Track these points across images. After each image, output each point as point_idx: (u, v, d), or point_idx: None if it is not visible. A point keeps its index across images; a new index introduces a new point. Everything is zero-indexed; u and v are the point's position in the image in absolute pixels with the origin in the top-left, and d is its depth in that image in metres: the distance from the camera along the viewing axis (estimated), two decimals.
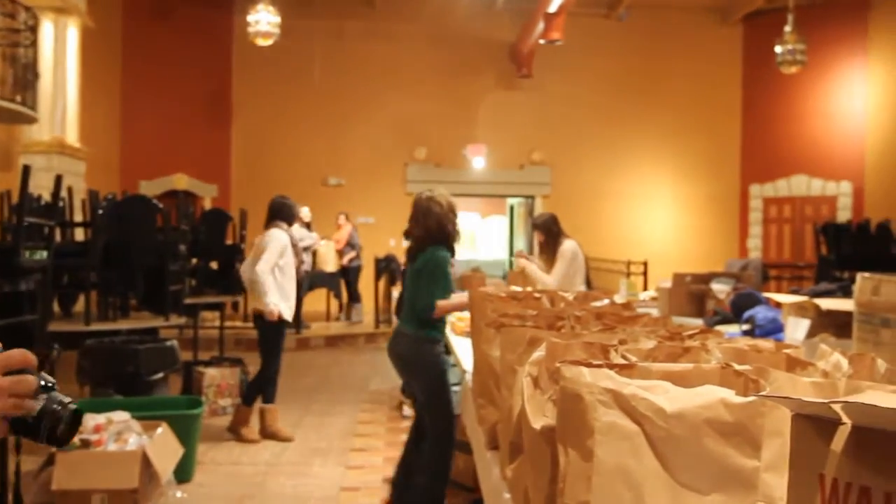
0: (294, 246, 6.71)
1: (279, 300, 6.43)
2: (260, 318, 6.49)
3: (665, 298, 6.23)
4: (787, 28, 12.24)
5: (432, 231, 4.71)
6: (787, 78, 13.14)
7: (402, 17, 14.61)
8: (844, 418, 1.02)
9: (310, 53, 14.46)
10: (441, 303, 4.56)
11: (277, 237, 6.50)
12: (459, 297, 4.67)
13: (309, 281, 11.94)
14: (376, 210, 14.50)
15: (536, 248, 6.93)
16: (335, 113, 14.73)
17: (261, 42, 10.91)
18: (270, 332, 6.54)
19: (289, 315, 6.58)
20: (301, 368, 10.01)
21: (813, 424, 1.06)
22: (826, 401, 1.00)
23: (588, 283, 8.73)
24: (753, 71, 15.06)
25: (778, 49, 12.33)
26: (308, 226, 12.52)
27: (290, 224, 6.74)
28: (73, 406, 1.33)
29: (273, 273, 6.38)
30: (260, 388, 6.63)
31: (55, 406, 1.32)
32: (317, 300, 13.17)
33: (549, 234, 6.56)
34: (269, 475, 5.70)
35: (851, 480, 1.01)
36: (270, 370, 6.60)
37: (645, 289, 11.43)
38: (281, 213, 6.69)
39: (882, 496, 0.99)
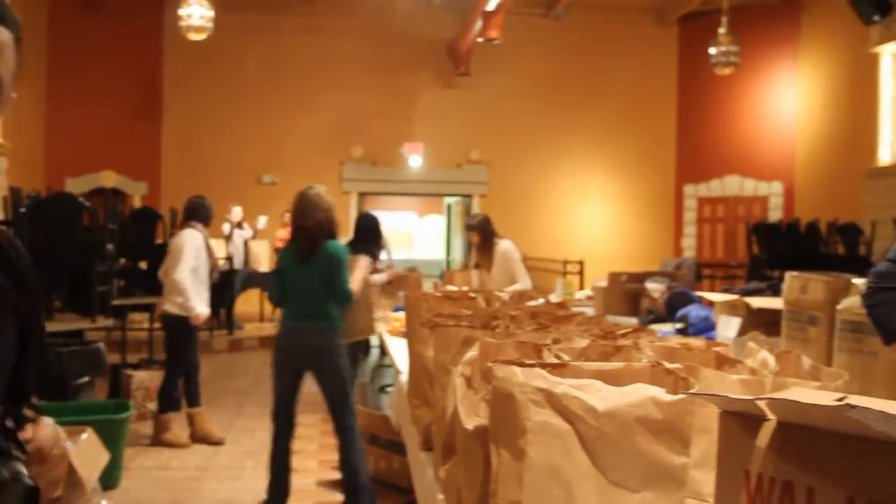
0: (209, 248, 6.63)
1: (198, 303, 6.36)
2: (170, 320, 6.41)
3: (600, 297, 6.30)
4: (721, 30, 12.48)
5: (323, 225, 4.76)
6: (720, 79, 13.40)
7: (340, 13, 14.53)
8: (769, 414, 1.05)
9: (244, 49, 14.29)
10: (353, 286, 4.82)
11: (191, 238, 6.41)
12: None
13: (242, 281, 11.80)
14: None
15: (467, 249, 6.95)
16: (270, 110, 14.59)
17: (193, 37, 10.74)
18: (181, 335, 6.45)
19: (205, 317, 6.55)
20: (233, 370, 9.89)
21: (739, 421, 1.08)
22: (752, 398, 1.03)
23: None
24: (688, 72, 15.33)
25: (712, 50, 12.56)
26: (240, 225, 12.37)
27: (206, 225, 6.64)
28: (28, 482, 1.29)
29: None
30: (169, 395, 6.52)
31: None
32: (250, 300, 13.02)
33: (484, 234, 6.59)
34: (199, 480, 5.62)
35: (775, 475, 1.04)
36: (177, 374, 6.53)
37: (581, 288, 11.54)
38: (197, 213, 6.59)
39: (804, 490, 1.02)
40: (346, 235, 7.74)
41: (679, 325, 4.64)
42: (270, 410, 5.10)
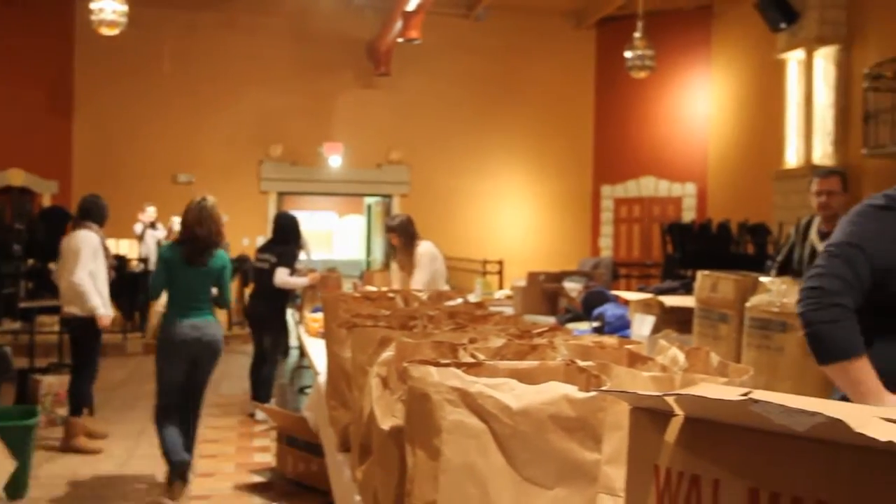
0: (105, 248, 6.45)
1: (101, 304, 6.20)
2: (74, 322, 6.23)
3: (519, 297, 6.37)
4: (637, 34, 12.72)
5: (215, 235, 5.28)
6: (636, 82, 13.66)
7: (259, 10, 14.32)
8: (677, 410, 1.07)
9: (159, 45, 13.96)
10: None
11: (88, 239, 6.21)
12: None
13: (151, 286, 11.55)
14: (229, 209, 14.12)
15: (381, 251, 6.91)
16: (187, 107, 14.29)
17: (105, 31, 10.45)
18: (87, 337, 6.28)
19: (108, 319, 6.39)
20: (147, 374, 9.58)
21: (649, 417, 1.11)
22: (660, 394, 1.05)
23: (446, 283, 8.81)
24: (606, 75, 15.57)
25: (628, 54, 12.79)
26: (153, 225, 12.10)
27: (101, 225, 6.44)
28: None
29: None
30: (79, 398, 6.34)
31: None
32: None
33: (405, 235, 6.55)
34: (109, 488, 5.47)
35: (683, 469, 1.06)
36: (86, 377, 6.36)
37: (500, 287, 11.64)
38: (91, 213, 6.37)
39: (710, 483, 1.04)
40: (263, 235, 7.66)
41: (596, 324, 4.71)
42: (158, 402, 5.37)
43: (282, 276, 7.05)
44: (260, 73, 14.47)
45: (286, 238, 7.43)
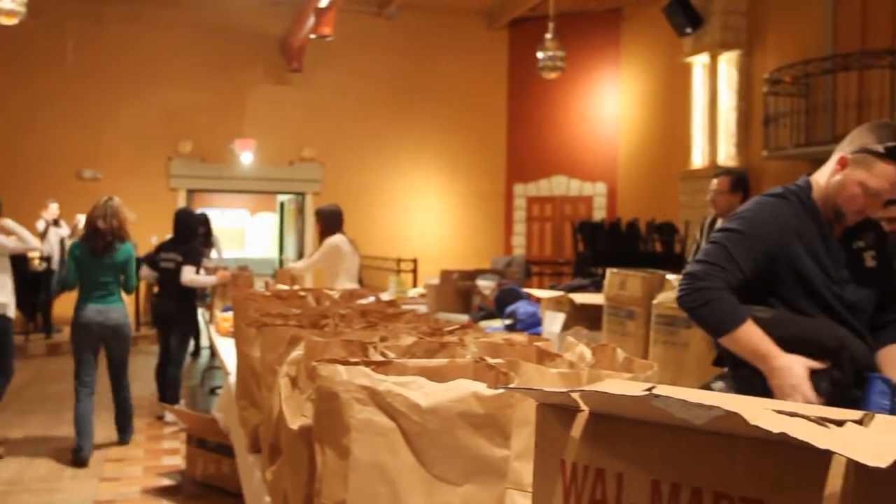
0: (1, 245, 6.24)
1: (6, 298, 6.05)
2: None
3: (433, 295, 6.38)
4: (548, 35, 12.88)
5: (119, 230, 6.05)
6: (548, 83, 13.83)
7: (168, 3, 13.98)
8: (583, 406, 1.09)
9: (63, 36, 13.52)
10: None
11: None
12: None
13: (61, 282, 11.19)
14: (137, 207, 13.74)
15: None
16: (92, 102, 13.85)
17: (3, 21, 10.06)
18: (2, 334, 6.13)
19: (12, 313, 6.23)
20: (51, 375, 9.37)
21: (555, 413, 1.12)
22: (566, 390, 1.07)
23: (360, 282, 8.76)
24: (518, 74, 15.71)
25: (539, 55, 12.95)
26: (56, 222, 11.70)
27: None
28: None
29: None
30: None
31: None
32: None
33: (329, 223, 6.55)
34: (9, 494, 5.27)
35: (588, 464, 1.08)
36: (8, 373, 6.20)
37: (414, 286, 11.66)
38: None
39: (614, 477, 1.06)
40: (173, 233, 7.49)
41: (508, 321, 4.75)
42: (74, 382, 6.06)
43: (188, 275, 6.93)
44: (169, 67, 14.13)
45: (187, 236, 7.30)
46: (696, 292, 2.30)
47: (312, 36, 12.26)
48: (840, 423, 0.97)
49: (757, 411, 0.92)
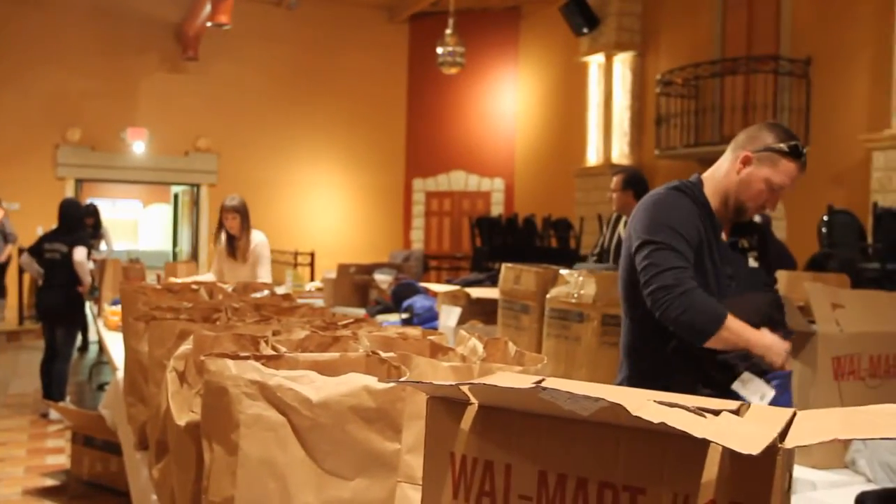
0: None
1: None
2: None
3: (330, 289, 6.34)
4: (448, 31, 12.94)
5: None
6: (448, 78, 13.89)
7: None
8: (472, 399, 1.10)
9: None
10: None
11: None
12: None
13: None
14: (21, 195, 13.21)
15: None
16: None
17: None
18: None
19: None
20: None
21: (445, 406, 1.13)
22: (455, 383, 1.08)
23: None
24: (418, 69, 15.72)
25: (439, 50, 12.99)
26: None
27: None
28: None
29: None
30: None
31: None
32: None
33: (247, 219, 6.25)
34: None
35: (478, 456, 1.09)
36: None
37: (312, 279, 11.56)
38: None
39: (503, 468, 1.08)
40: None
41: (405, 315, 4.76)
42: None
43: (81, 255, 6.75)
44: (56, 49, 13.56)
45: (74, 226, 7.06)
46: (678, 298, 2.28)
47: (209, 24, 11.99)
48: (717, 413, 1.00)
49: (639, 402, 0.94)
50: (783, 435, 0.96)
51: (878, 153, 8.22)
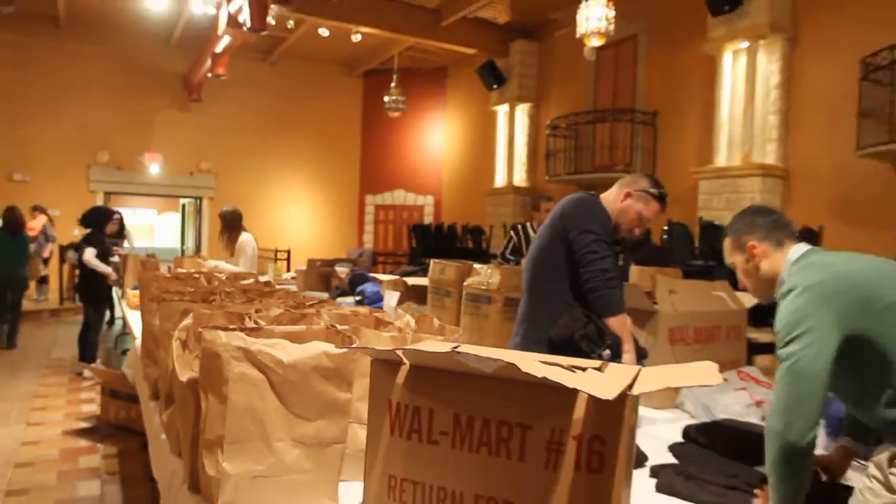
0: None
1: None
2: None
3: (301, 278, 6.25)
4: (393, 84, 12.91)
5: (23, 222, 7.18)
6: (392, 120, 13.85)
7: (88, 39, 12.94)
8: (405, 360, 1.11)
9: None
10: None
11: None
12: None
13: None
14: (61, 204, 12.69)
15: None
16: (21, 116, 12.63)
17: None
18: None
19: None
20: None
21: (385, 366, 1.13)
22: (392, 349, 1.08)
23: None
24: (370, 112, 15.60)
25: (386, 98, 12.94)
26: None
27: None
28: None
29: None
30: None
31: None
32: None
33: (228, 223, 6.17)
34: None
35: (408, 403, 1.09)
36: None
37: (288, 270, 11.38)
38: None
39: (427, 412, 1.08)
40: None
41: (358, 298, 4.72)
42: None
43: (88, 255, 6.46)
44: (89, 91, 13.11)
45: (93, 225, 6.80)
46: (610, 280, 2.29)
47: (210, 74, 11.71)
48: (584, 370, 1.03)
49: (528, 362, 0.96)
50: (631, 385, 0.98)
51: (704, 181, 8.46)
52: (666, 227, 7.05)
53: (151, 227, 22.91)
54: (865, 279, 1.53)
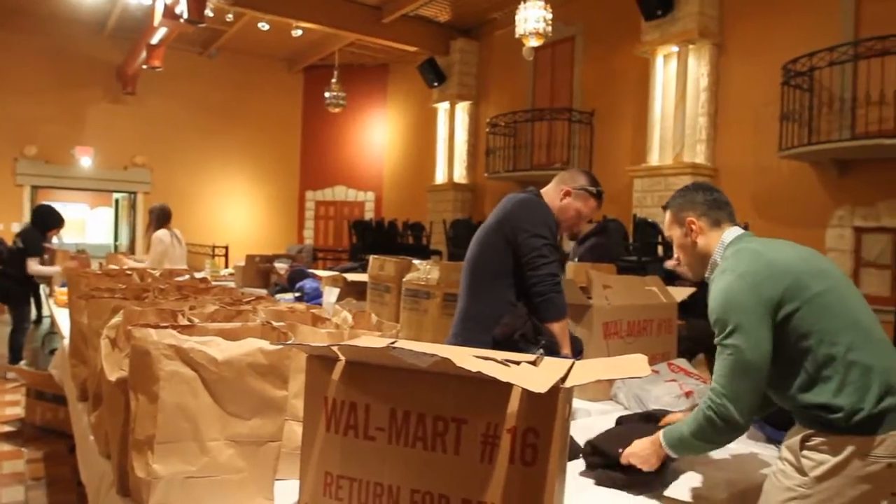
0: None
1: None
2: None
3: (239, 274, 6.12)
4: (333, 80, 12.76)
5: None
6: (333, 115, 13.68)
7: (16, 27, 12.30)
8: (341, 356, 1.09)
9: None
10: None
11: None
12: None
13: None
14: None
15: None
16: None
17: None
18: None
19: None
20: None
21: (321, 362, 1.11)
22: (327, 345, 1.06)
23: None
24: (311, 107, 15.38)
25: (327, 94, 12.78)
26: None
27: None
28: None
29: None
30: None
31: None
32: None
33: (154, 220, 6.08)
34: None
35: (345, 398, 1.08)
36: None
37: (226, 266, 11.13)
38: None
39: (364, 407, 1.07)
40: (18, 222, 6.65)
41: (297, 294, 4.66)
42: None
43: (34, 266, 6.15)
44: (17, 82, 12.49)
45: (38, 223, 6.48)
46: (557, 285, 2.30)
47: (145, 66, 11.33)
48: (518, 364, 1.03)
49: (463, 357, 0.96)
50: (564, 378, 1.00)
51: (638, 180, 8.67)
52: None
53: (83, 223, 22.05)
54: (794, 268, 1.60)
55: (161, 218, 6.13)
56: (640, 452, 1.62)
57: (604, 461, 1.66)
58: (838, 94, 6.98)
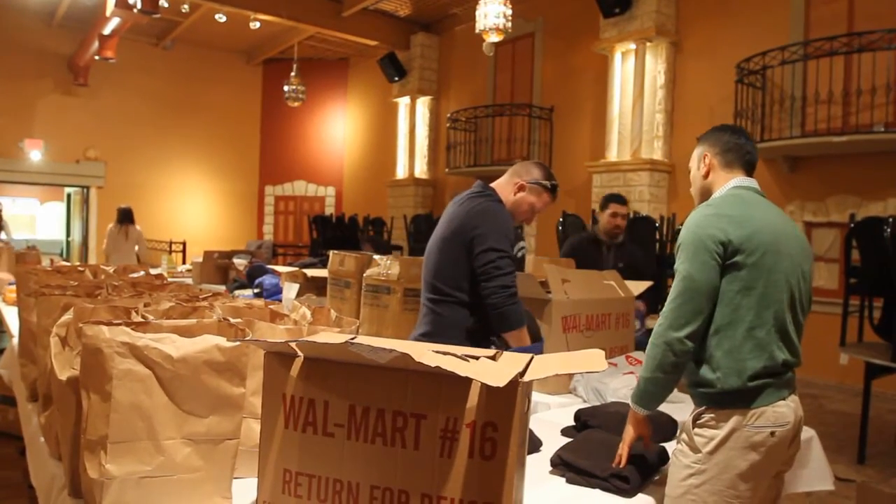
0: None
1: None
2: None
3: (197, 270, 6.02)
4: (293, 74, 12.60)
5: None
6: (292, 110, 13.51)
7: None
8: (299, 353, 1.08)
9: None
10: None
11: None
12: None
13: None
14: None
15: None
16: None
17: None
18: None
19: None
20: None
21: (279, 359, 1.10)
22: (285, 341, 1.05)
23: (138, 259, 8.05)
24: (270, 101, 15.17)
25: (286, 88, 12.63)
26: None
27: None
28: None
29: None
30: None
31: None
32: None
33: (116, 217, 6.01)
34: None
35: (303, 395, 1.07)
36: None
37: (183, 263, 10.94)
38: None
39: (322, 404, 1.06)
40: None
41: (256, 290, 4.60)
42: None
43: None
44: None
45: None
46: (512, 297, 2.27)
47: (97, 57, 11.03)
48: (477, 358, 1.04)
49: (421, 352, 0.96)
50: (523, 372, 1.01)
51: (597, 175, 8.78)
52: (561, 219, 7.26)
53: (33, 218, 21.40)
54: (762, 230, 1.65)
55: (118, 215, 6.05)
56: (629, 440, 1.67)
57: (587, 481, 1.64)
58: (789, 92, 7.16)
